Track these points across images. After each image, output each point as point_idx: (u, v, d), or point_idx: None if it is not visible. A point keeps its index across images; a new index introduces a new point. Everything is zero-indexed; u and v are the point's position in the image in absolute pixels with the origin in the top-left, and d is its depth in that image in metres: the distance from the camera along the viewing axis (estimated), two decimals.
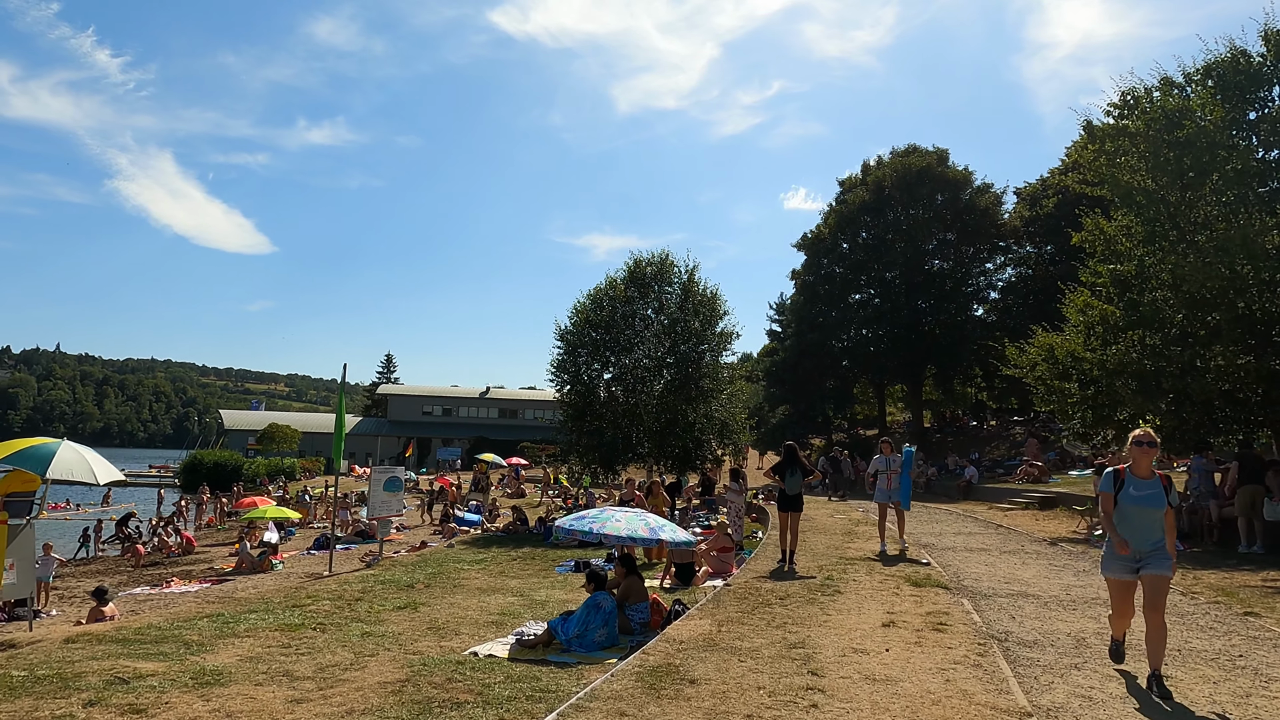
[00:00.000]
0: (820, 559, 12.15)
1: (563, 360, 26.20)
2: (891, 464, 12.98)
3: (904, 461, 12.99)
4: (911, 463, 13.20)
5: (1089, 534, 15.99)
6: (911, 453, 13.42)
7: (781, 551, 11.98)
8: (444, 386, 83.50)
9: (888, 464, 13.04)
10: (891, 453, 13.12)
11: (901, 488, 12.89)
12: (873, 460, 13.64)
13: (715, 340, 25.01)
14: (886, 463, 13.05)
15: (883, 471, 13.08)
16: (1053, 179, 41.19)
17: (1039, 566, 11.71)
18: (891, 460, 13.02)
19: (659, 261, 25.86)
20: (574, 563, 14.99)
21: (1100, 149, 17.31)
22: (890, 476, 12.95)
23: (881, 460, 13.15)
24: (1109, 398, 15.78)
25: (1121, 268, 16.57)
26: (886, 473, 12.99)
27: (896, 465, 12.93)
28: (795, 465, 12.43)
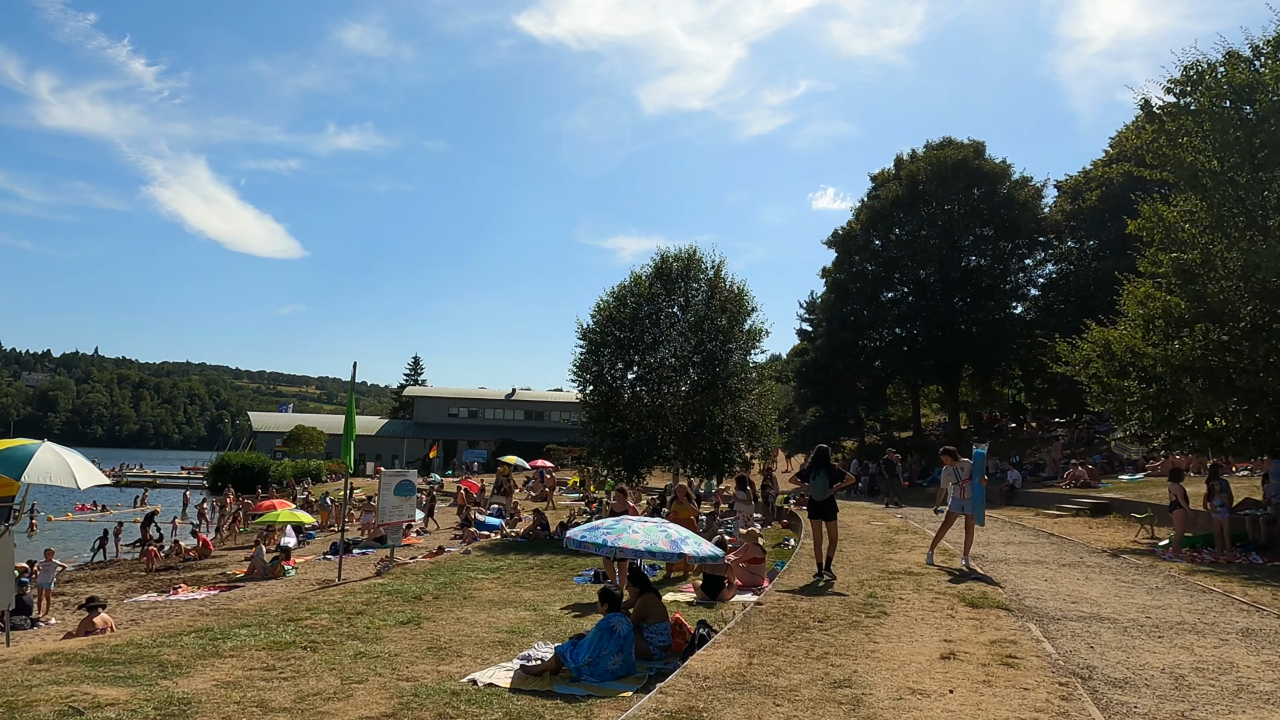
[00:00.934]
0: (860, 572, 11.08)
1: (585, 359, 25.34)
2: (961, 473, 11.81)
3: (974, 466, 11.71)
4: (983, 467, 11.81)
5: (1152, 544, 14.75)
6: (982, 455, 11.87)
7: (816, 563, 11.01)
8: (470, 388, 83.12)
9: (957, 474, 11.88)
10: (955, 462, 11.98)
11: (975, 497, 11.61)
12: (943, 473, 12.48)
13: (743, 338, 23.96)
14: (956, 473, 11.89)
15: (955, 482, 11.94)
16: (1095, 171, 39.57)
17: (1105, 582, 10.55)
18: (960, 469, 11.86)
19: (686, 257, 24.88)
20: (594, 572, 14.07)
21: (1160, 129, 16.04)
22: (963, 486, 11.77)
23: (951, 471, 12.00)
24: (1173, 396, 14.52)
25: (1185, 256, 15.29)
26: (959, 483, 11.83)
27: (967, 472, 11.74)
28: (821, 469, 11.38)
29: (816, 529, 11.29)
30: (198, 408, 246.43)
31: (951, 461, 12.02)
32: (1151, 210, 16.48)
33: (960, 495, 11.73)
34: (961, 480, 11.77)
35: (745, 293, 24.30)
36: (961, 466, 11.86)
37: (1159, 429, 15.61)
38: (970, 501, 11.62)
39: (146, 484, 68.54)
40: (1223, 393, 13.59)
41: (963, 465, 11.85)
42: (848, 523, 18.35)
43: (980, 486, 11.67)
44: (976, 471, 11.69)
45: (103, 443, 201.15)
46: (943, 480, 12.37)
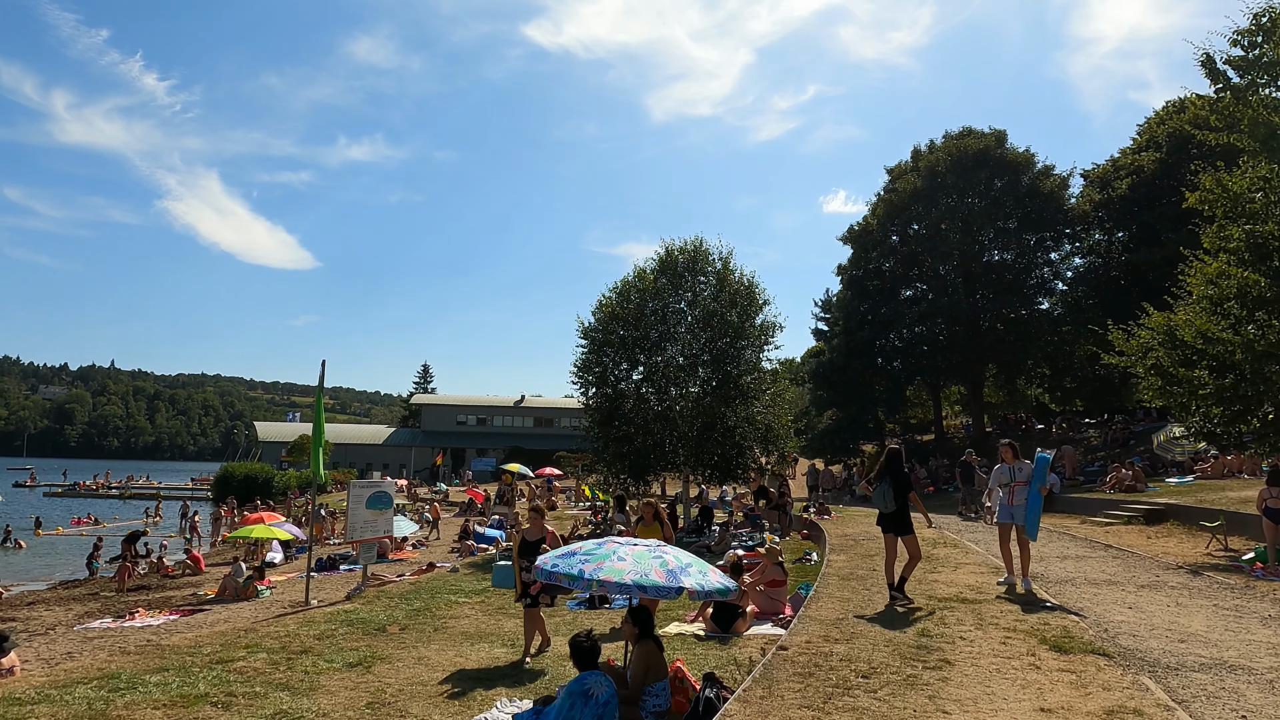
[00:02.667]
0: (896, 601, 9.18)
1: (587, 360, 23.49)
2: (1017, 474, 9.90)
3: (1035, 471, 9.71)
4: (1044, 474, 9.77)
5: (1231, 558, 12.75)
6: (1047, 460, 9.84)
7: (887, 583, 9.43)
8: (478, 395, 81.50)
9: (1011, 474, 9.94)
10: (1015, 460, 10.03)
11: (1029, 505, 9.66)
12: (993, 472, 10.47)
13: (755, 334, 22.04)
14: (1010, 473, 9.95)
15: (1005, 484, 9.97)
16: (1125, 159, 37.46)
17: (1203, 611, 8.60)
18: (1017, 469, 9.92)
19: (692, 250, 23.01)
20: (589, 595, 12.23)
21: (1225, 86, 14.06)
22: (1014, 490, 9.84)
23: (1004, 470, 10.07)
24: (1253, 387, 12.55)
25: (1261, 229, 13.34)
26: (1010, 485, 9.91)
27: (1025, 475, 9.82)
28: (886, 476, 9.61)
29: (888, 544, 9.59)
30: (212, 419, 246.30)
31: (1012, 458, 10.08)
32: (1214, 180, 14.51)
33: (1009, 501, 9.83)
34: (1015, 482, 9.85)
35: (756, 285, 22.40)
36: (1020, 467, 9.94)
37: (1232, 425, 13.62)
38: (1022, 509, 9.71)
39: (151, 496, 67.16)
40: None
41: (1021, 466, 9.94)
42: (875, 534, 16.42)
43: (1039, 496, 9.71)
44: (1037, 478, 9.74)
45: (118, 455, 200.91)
46: (992, 480, 10.37)
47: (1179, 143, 34.93)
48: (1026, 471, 9.75)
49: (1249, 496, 18.01)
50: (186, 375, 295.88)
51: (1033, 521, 9.61)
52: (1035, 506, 9.62)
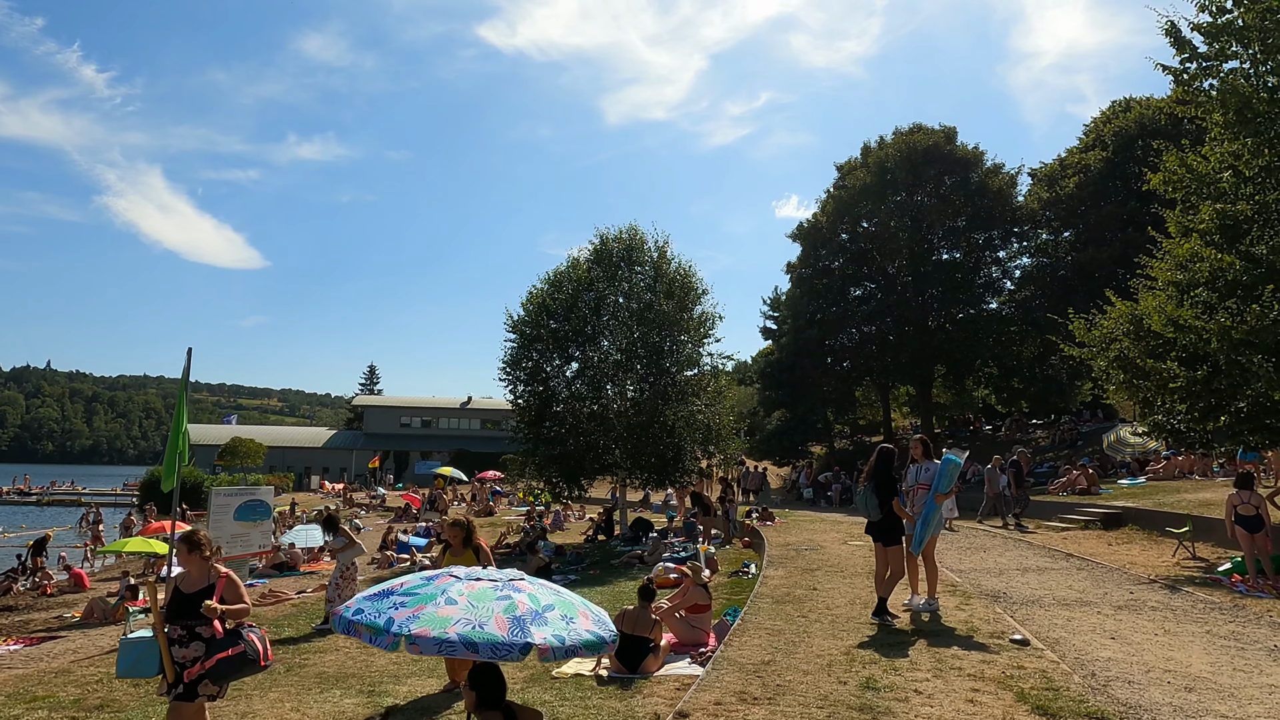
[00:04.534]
0: (845, 632, 7.55)
1: (517, 355, 21.65)
2: (921, 475, 8.28)
3: (937, 477, 8.08)
4: (948, 481, 8.03)
5: (1205, 569, 11.44)
6: (955, 464, 8.12)
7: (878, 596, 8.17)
8: (424, 397, 78.77)
9: (914, 475, 8.38)
10: (925, 459, 8.39)
11: (922, 514, 8.09)
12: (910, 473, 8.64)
13: (693, 326, 20.43)
14: (914, 474, 8.39)
15: (908, 487, 8.43)
16: (1071, 158, 36.88)
17: (1198, 641, 7.14)
18: (922, 470, 8.30)
19: (627, 238, 21.33)
20: None
21: (1193, 55, 12.81)
22: (914, 494, 8.34)
23: (910, 471, 8.48)
24: (1228, 379, 11.27)
25: (1233, 208, 12.11)
26: (913, 488, 8.36)
27: (927, 478, 8.19)
28: (870, 481, 8.20)
29: (876, 554, 8.23)
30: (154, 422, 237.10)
31: (921, 456, 8.44)
32: (1177, 160, 13.26)
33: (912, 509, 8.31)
34: (917, 485, 8.29)
35: (693, 274, 20.78)
36: (925, 468, 8.32)
37: (1202, 422, 12.35)
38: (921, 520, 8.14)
39: (74, 502, 63.14)
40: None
41: (927, 467, 8.31)
42: (820, 544, 14.88)
43: (934, 505, 8.06)
44: (937, 484, 8.08)
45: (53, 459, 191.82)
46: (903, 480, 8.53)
47: (1125, 141, 34.40)
48: (929, 474, 8.17)
49: (1207, 499, 16.92)
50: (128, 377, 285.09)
51: (919, 533, 8.11)
52: (928, 515, 8.08)
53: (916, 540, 8.11)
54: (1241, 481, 10.09)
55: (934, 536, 8.35)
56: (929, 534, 8.12)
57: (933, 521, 8.04)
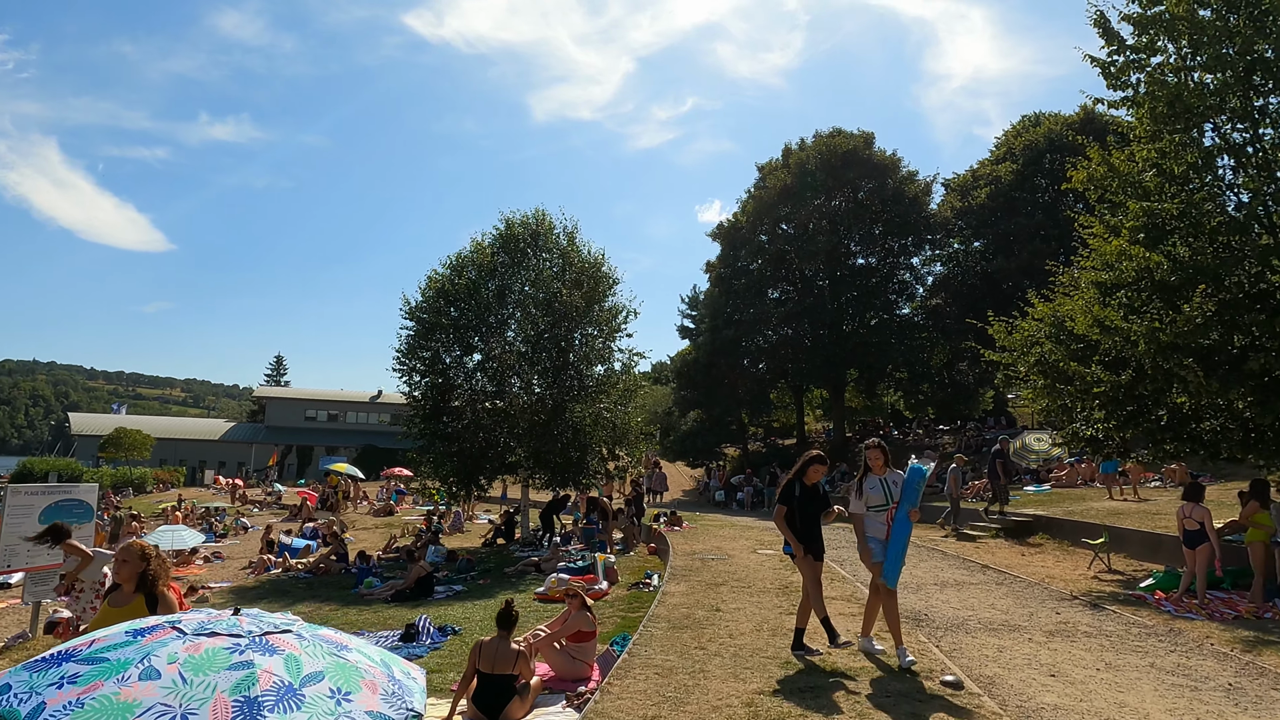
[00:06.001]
0: (745, 668, 6.27)
1: (413, 344, 19.82)
2: (889, 490, 6.45)
3: (905, 489, 6.40)
4: (917, 494, 6.38)
5: (1124, 583, 10.72)
6: (922, 474, 6.46)
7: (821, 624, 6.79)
8: (331, 390, 74.97)
9: (885, 491, 6.46)
10: (885, 470, 6.58)
11: (892, 538, 6.35)
12: (862, 485, 6.65)
13: (604, 318, 19.04)
14: (884, 489, 6.49)
15: (879, 506, 6.46)
16: (983, 169, 37.19)
17: (1147, 678, 6.16)
18: (887, 483, 6.48)
19: (534, 223, 19.78)
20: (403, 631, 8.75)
21: (1121, 48, 12.16)
22: (889, 515, 6.40)
23: (877, 486, 6.54)
24: (1154, 385, 10.57)
25: (1161, 207, 11.46)
26: (887, 508, 6.43)
27: (895, 492, 6.42)
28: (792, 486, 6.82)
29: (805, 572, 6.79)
30: (41, 410, 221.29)
31: (882, 467, 6.60)
32: (1100, 158, 12.62)
33: (881, 534, 6.44)
34: (891, 505, 6.42)
35: (604, 263, 19.38)
36: (894, 479, 6.55)
37: (1123, 429, 11.68)
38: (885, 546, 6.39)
39: None
40: (1229, 379, 9.68)
41: (893, 479, 6.56)
42: (728, 552, 13.69)
43: (907, 523, 6.35)
44: (907, 498, 6.35)
45: None
46: (862, 495, 6.59)
47: (1034, 156, 34.83)
48: (896, 488, 6.47)
49: (1116, 508, 16.55)
50: (15, 362, 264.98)
51: (894, 561, 6.32)
52: (901, 539, 6.31)
53: (890, 569, 6.31)
54: (1190, 493, 9.31)
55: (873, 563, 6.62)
56: (903, 559, 6.46)
57: (907, 544, 6.43)
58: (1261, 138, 11.41)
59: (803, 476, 6.73)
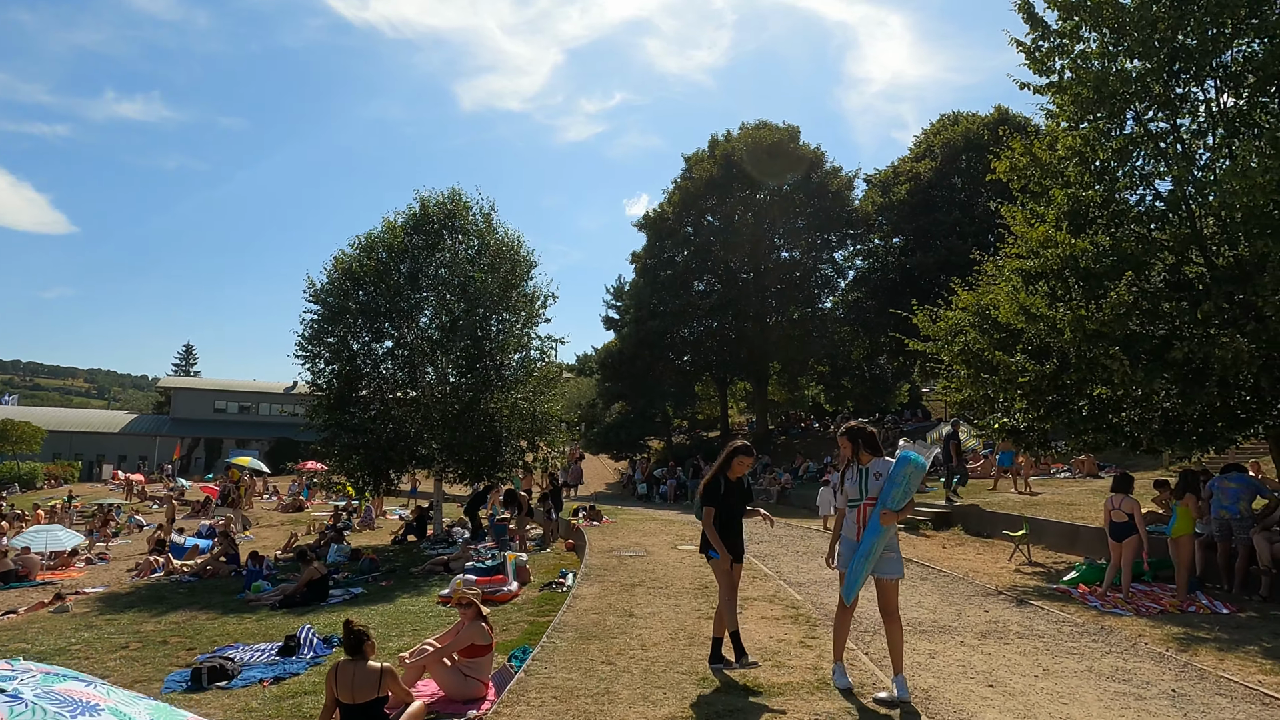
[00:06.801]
0: (656, 687, 5.47)
1: (318, 329, 18.39)
2: (867, 483, 5.31)
3: (887, 483, 5.21)
4: (906, 490, 5.20)
5: (1046, 577, 10.40)
6: (909, 463, 5.19)
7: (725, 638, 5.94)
8: (243, 381, 71.32)
9: (860, 484, 5.35)
10: (870, 457, 5.38)
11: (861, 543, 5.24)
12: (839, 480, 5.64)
13: (521, 304, 18.02)
14: (859, 481, 5.35)
15: (851, 501, 5.40)
16: (904, 166, 37.47)
17: (1088, 684, 5.64)
18: (868, 475, 5.32)
19: (450, 203, 18.60)
20: (190, 672, 7.60)
21: (1045, 34, 11.86)
22: (861, 513, 5.31)
23: (853, 478, 5.42)
24: (1079, 374, 10.26)
25: (1085, 194, 11.21)
26: (859, 504, 5.32)
27: (871, 486, 5.28)
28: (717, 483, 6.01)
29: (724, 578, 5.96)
30: None
31: (854, 454, 5.44)
32: (1023, 148, 12.32)
33: (854, 534, 5.33)
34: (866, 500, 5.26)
35: (521, 246, 18.33)
36: (875, 470, 5.30)
37: (1046, 420, 11.40)
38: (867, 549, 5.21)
39: None
40: (1152, 369, 9.41)
41: (877, 468, 5.31)
42: (647, 548, 12.94)
43: (878, 528, 5.18)
44: (891, 497, 5.17)
45: None
46: (840, 489, 5.56)
47: (952, 154, 35.26)
48: (880, 477, 5.26)
49: (1032, 499, 16.56)
50: None
51: (852, 572, 5.27)
52: (866, 546, 5.20)
53: (848, 580, 5.33)
54: (1118, 484, 8.95)
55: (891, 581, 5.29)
56: (867, 571, 5.27)
57: (875, 552, 5.21)
58: (1179, 127, 11.31)
59: (726, 471, 5.97)
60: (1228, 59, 10.77)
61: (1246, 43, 10.51)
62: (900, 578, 5.31)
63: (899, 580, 5.30)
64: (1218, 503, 9.11)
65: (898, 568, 5.29)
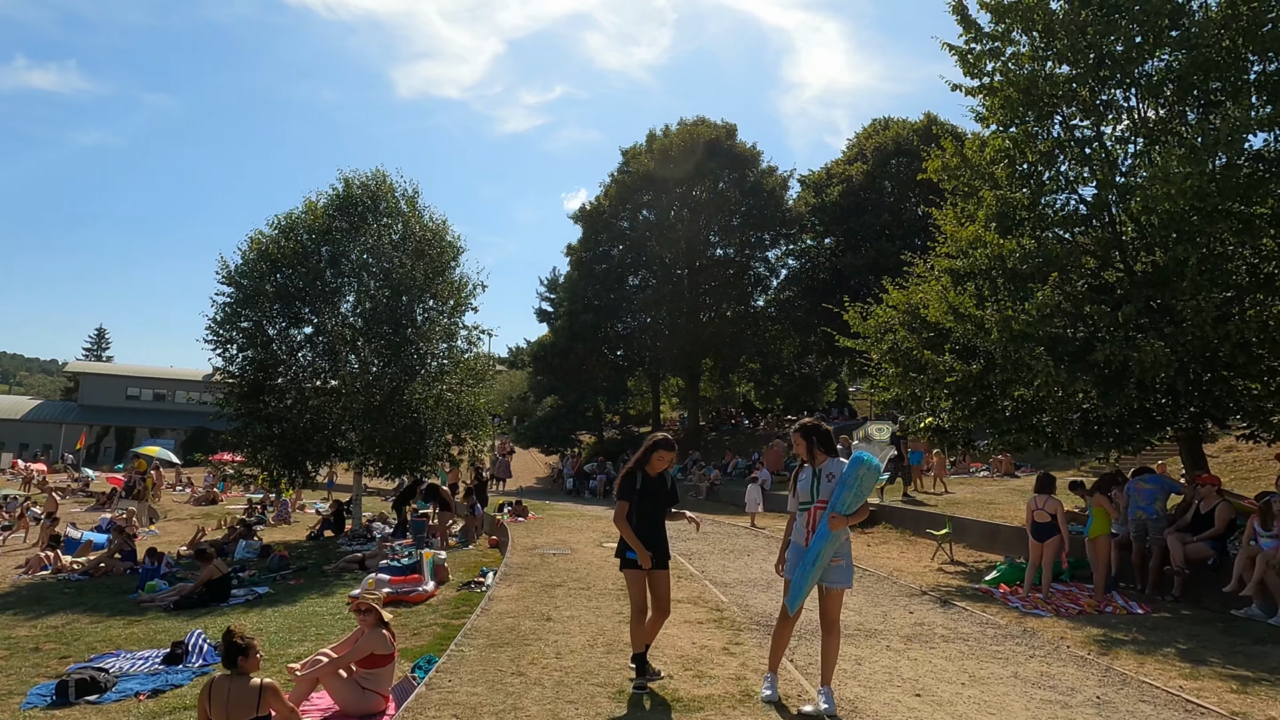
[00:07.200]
0: (569, 701, 5.06)
1: (231, 313, 17.31)
2: (819, 485, 4.91)
3: (840, 482, 4.82)
4: (858, 492, 4.79)
5: (965, 574, 10.39)
6: (862, 464, 4.79)
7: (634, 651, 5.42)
8: (158, 367, 67.79)
9: (811, 485, 4.96)
10: (824, 456, 4.97)
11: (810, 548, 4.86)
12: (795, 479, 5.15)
13: (447, 292, 17.32)
14: (810, 482, 4.97)
15: (802, 504, 5.00)
16: (836, 168, 37.83)
17: (1011, 691, 5.47)
18: (821, 477, 4.92)
19: (374, 185, 17.75)
20: (56, 685, 6.84)
21: (978, 36, 11.85)
22: (810, 517, 4.92)
23: (804, 478, 5.03)
24: (1005, 374, 10.26)
25: (1013, 195, 11.23)
26: (810, 507, 4.93)
27: (822, 488, 4.89)
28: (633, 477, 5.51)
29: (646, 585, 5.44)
30: None
31: (809, 454, 4.99)
32: (954, 149, 12.32)
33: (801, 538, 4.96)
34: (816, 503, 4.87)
35: (447, 231, 17.61)
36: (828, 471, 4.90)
37: (971, 419, 11.42)
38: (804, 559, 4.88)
39: None
40: (1074, 368, 9.44)
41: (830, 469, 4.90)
42: (572, 546, 12.50)
43: (827, 535, 4.78)
44: (841, 499, 4.77)
45: None
46: (795, 491, 5.10)
47: (882, 157, 35.76)
48: (831, 479, 4.87)
49: (953, 498, 16.77)
50: None
51: (800, 580, 4.86)
52: (813, 553, 4.81)
53: (796, 589, 4.89)
54: (1042, 484, 8.90)
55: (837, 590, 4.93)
56: (814, 578, 4.85)
57: (824, 559, 4.82)
58: (1102, 134, 11.45)
59: (645, 465, 5.55)
60: (1150, 69, 10.93)
61: (1169, 53, 10.67)
62: (848, 587, 4.98)
63: (845, 590, 4.97)
64: (1134, 504, 9.19)
65: (846, 577, 4.94)
